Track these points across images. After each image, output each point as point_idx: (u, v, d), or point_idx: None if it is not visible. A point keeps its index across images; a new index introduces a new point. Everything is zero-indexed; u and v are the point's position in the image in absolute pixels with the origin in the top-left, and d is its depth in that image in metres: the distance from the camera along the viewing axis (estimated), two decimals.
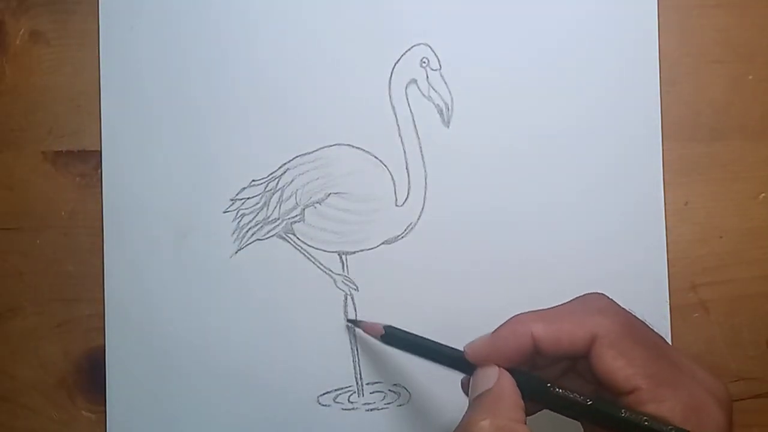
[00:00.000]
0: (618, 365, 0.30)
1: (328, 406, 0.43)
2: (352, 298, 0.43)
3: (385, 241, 0.43)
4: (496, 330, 0.33)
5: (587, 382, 0.33)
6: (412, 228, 0.43)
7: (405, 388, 0.43)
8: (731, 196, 0.44)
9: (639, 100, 0.44)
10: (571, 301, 0.33)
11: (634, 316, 0.33)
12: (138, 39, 0.44)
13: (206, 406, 0.43)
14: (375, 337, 0.40)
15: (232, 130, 0.43)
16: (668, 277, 0.43)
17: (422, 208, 0.43)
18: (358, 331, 0.43)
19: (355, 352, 0.43)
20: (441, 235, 0.43)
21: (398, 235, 0.43)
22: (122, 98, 0.44)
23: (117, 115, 0.44)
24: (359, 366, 0.43)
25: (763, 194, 0.44)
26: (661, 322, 0.43)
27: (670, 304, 0.44)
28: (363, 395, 0.43)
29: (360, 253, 0.43)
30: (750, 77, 0.44)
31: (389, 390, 0.43)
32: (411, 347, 0.38)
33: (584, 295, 0.34)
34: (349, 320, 0.43)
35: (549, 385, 0.32)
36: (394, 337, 0.39)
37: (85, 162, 0.44)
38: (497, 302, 0.43)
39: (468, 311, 0.43)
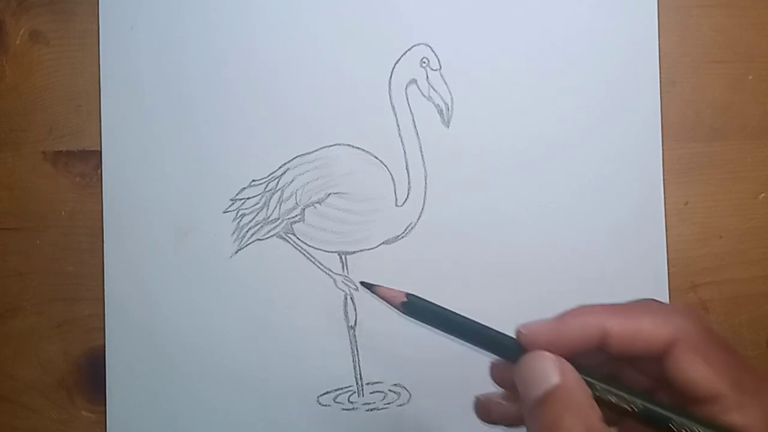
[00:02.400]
0: (701, 371, 0.28)
1: (328, 406, 0.43)
2: (352, 299, 0.43)
3: (385, 241, 0.43)
4: (561, 316, 0.30)
5: (669, 384, 0.30)
6: (412, 228, 0.43)
7: (405, 388, 0.43)
8: (731, 196, 0.44)
9: (639, 100, 0.44)
10: (630, 302, 0.31)
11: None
12: (138, 39, 0.44)
13: (206, 406, 0.43)
14: (394, 305, 0.34)
15: (232, 130, 0.43)
16: (668, 277, 0.43)
17: (422, 208, 0.43)
18: (358, 331, 0.43)
19: (355, 352, 0.43)
20: (441, 235, 0.43)
21: (398, 235, 0.43)
22: (122, 98, 0.44)
23: (117, 115, 0.44)
24: (359, 366, 0.43)
25: (762, 194, 0.44)
26: None
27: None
28: (363, 395, 0.43)
29: (360, 253, 0.43)
30: (750, 77, 0.44)
31: (389, 390, 0.43)
32: (437, 321, 0.33)
33: (640, 299, 0.31)
34: (362, 282, 0.36)
35: (601, 384, 0.29)
36: (416, 308, 0.33)
37: (85, 162, 0.44)
38: (497, 302, 0.43)
39: (468, 311, 0.43)
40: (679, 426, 0.28)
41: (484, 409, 0.32)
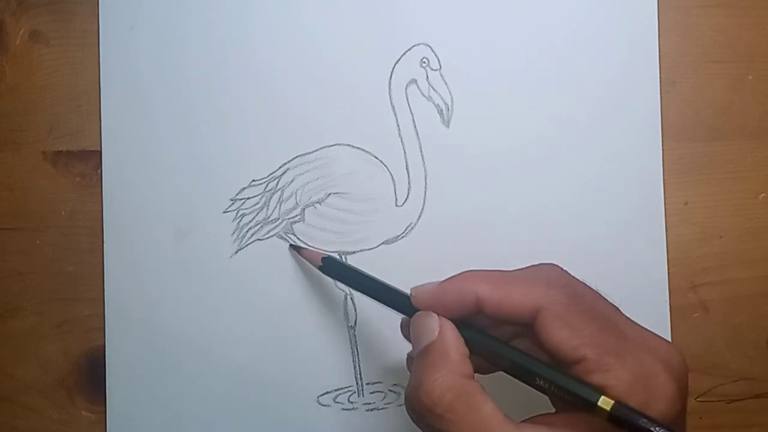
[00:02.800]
0: (563, 336, 0.30)
1: (328, 406, 0.43)
2: (352, 299, 0.43)
3: (385, 241, 0.43)
4: (444, 281, 0.33)
5: (539, 347, 0.32)
6: (412, 228, 0.43)
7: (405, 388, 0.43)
8: (731, 196, 0.44)
9: (639, 100, 0.44)
10: (524, 268, 0.33)
11: (586, 286, 0.33)
12: (138, 39, 0.44)
13: (206, 406, 0.43)
14: (314, 265, 0.40)
15: (232, 130, 0.43)
16: (668, 277, 0.43)
17: (422, 208, 0.43)
18: (358, 331, 0.43)
19: (355, 352, 0.43)
20: (441, 235, 0.43)
21: (398, 235, 0.43)
22: (122, 98, 0.44)
23: (117, 115, 0.44)
24: (359, 366, 0.43)
25: (762, 194, 0.44)
26: (661, 322, 0.43)
27: (670, 304, 0.44)
28: (363, 395, 0.43)
29: (360, 253, 0.43)
30: (750, 77, 0.44)
31: (389, 390, 0.43)
32: (352, 281, 0.38)
33: (538, 264, 0.34)
34: (291, 245, 0.43)
35: (483, 344, 0.32)
36: (333, 268, 0.39)
37: (85, 162, 0.44)
38: None
39: None
40: (544, 381, 0.30)
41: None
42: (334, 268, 0.39)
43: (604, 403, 0.28)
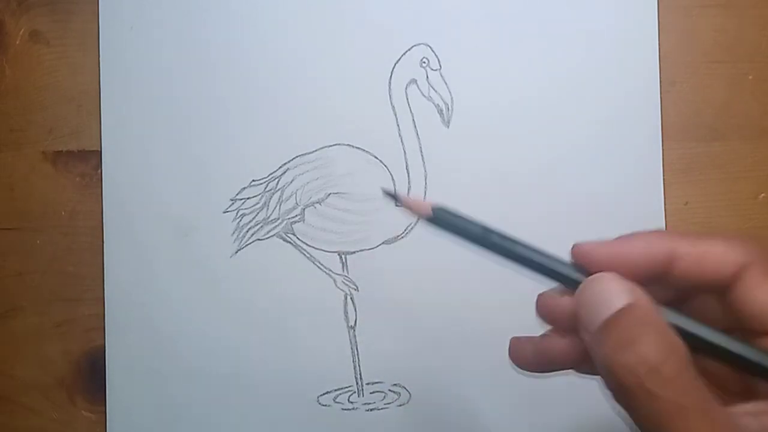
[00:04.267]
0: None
1: (328, 406, 0.43)
2: (352, 299, 0.43)
3: (385, 241, 0.43)
4: (621, 237, 0.27)
5: (725, 314, 0.27)
6: (412, 228, 0.43)
7: (405, 388, 0.43)
8: (731, 196, 0.44)
9: (639, 100, 0.44)
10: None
11: None
12: (138, 39, 0.44)
13: (206, 406, 0.43)
14: (421, 217, 0.32)
15: (232, 130, 0.43)
16: None
17: None
18: (358, 331, 0.43)
19: (355, 352, 0.43)
20: (441, 235, 0.43)
21: (398, 235, 0.43)
22: (122, 98, 0.44)
23: (117, 115, 0.44)
24: (359, 366, 0.43)
25: (762, 194, 0.44)
26: None
27: None
28: (363, 395, 0.43)
29: (360, 253, 0.43)
30: (750, 77, 0.44)
31: (389, 390, 0.43)
32: (469, 234, 0.31)
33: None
34: (385, 191, 0.32)
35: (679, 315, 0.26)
36: (445, 219, 0.31)
37: (85, 162, 0.44)
38: (497, 302, 0.43)
39: (468, 311, 0.43)
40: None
41: (521, 349, 0.30)
42: (446, 219, 0.31)
43: None
